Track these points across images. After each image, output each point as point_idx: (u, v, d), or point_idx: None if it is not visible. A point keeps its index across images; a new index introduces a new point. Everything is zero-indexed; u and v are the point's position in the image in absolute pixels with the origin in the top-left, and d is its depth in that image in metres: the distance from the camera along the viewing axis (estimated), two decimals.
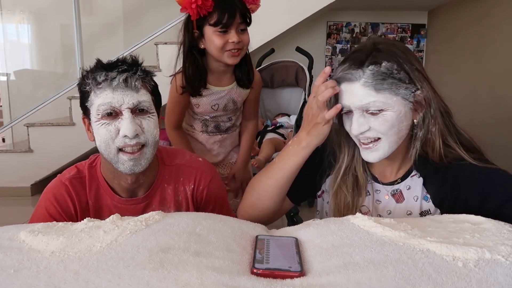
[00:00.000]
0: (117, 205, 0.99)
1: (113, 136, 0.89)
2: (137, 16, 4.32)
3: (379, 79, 0.80)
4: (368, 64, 0.80)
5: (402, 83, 0.80)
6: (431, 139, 0.85)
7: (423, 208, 0.88)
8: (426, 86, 0.83)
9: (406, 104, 0.82)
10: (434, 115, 0.84)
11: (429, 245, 0.58)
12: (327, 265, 0.56)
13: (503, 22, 3.26)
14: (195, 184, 1.05)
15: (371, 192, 0.95)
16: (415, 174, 0.90)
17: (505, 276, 0.51)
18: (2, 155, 3.30)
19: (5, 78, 4.29)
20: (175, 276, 0.51)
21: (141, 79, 0.92)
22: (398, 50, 0.83)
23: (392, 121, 0.81)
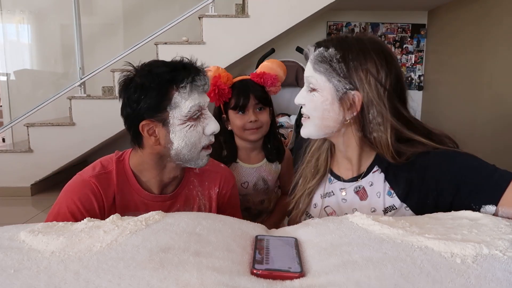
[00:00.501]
0: (144, 201, 0.99)
1: (201, 136, 0.94)
2: (137, 16, 4.32)
3: (318, 60, 0.85)
4: (321, 45, 0.86)
5: (336, 74, 0.83)
6: (376, 141, 0.84)
7: (386, 204, 0.87)
8: (371, 91, 0.82)
9: (335, 95, 0.84)
10: (375, 120, 0.83)
11: (427, 242, 0.58)
12: (326, 265, 0.56)
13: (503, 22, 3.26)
14: (220, 188, 1.10)
15: (335, 192, 0.96)
16: (376, 170, 0.90)
17: (503, 271, 0.51)
18: (2, 155, 3.30)
19: (5, 78, 4.29)
20: (175, 276, 0.51)
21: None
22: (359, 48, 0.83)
23: (316, 103, 0.86)
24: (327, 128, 0.87)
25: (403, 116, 0.84)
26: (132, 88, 0.91)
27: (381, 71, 0.83)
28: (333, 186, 0.96)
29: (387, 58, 0.84)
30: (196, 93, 0.92)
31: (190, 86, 0.90)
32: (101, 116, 3.20)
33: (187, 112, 0.91)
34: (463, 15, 3.85)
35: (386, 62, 0.83)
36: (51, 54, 4.34)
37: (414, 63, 4.70)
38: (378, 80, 0.82)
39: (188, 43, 3.23)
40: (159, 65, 0.94)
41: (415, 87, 4.72)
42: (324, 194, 0.98)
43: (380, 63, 0.83)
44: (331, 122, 0.86)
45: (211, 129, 0.95)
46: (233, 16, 3.30)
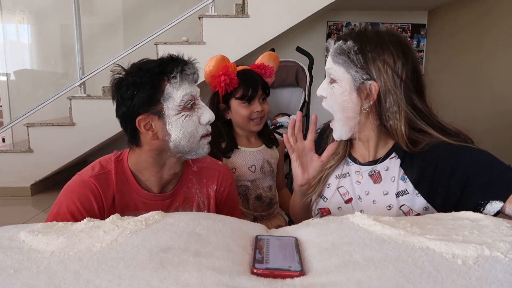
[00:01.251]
0: (143, 200, 1.00)
1: (197, 125, 0.96)
2: (137, 16, 4.32)
3: (337, 52, 0.89)
4: (340, 39, 0.90)
5: (354, 65, 0.87)
6: (391, 129, 0.88)
7: (399, 188, 0.90)
8: (388, 80, 0.85)
9: (353, 85, 0.87)
10: (392, 109, 0.86)
11: (429, 243, 0.58)
12: (327, 265, 0.56)
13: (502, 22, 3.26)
14: (218, 185, 1.10)
15: (350, 174, 0.99)
16: (394, 156, 0.92)
17: (505, 273, 0.51)
18: (2, 155, 3.30)
19: (5, 78, 4.29)
20: (176, 276, 0.51)
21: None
22: (377, 39, 0.87)
23: (336, 95, 0.90)
24: (349, 120, 0.91)
25: (418, 107, 0.87)
26: (124, 86, 0.93)
27: (398, 61, 0.86)
28: (349, 168, 0.99)
29: (404, 50, 0.87)
30: (186, 83, 0.94)
31: (180, 75, 0.93)
32: (101, 116, 3.20)
33: (180, 101, 0.93)
34: (463, 15, 3.85)
35: (403, 53, 0.87)
36: (51, 54, 4.35)
37: None
38: (395, 71, 0.85)
39: (188, 43, 3.23)
40: (148, 62, 0.96)
41: None
42: (339, 175, 1.01)
43: (397, 54, 0.86)
44: (351, 113, 0.90)
45: (206, 118, 0.97)
46: (233, 16, 3.30)
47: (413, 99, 0.87)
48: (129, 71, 0.95)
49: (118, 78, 0.96)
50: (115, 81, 0.96)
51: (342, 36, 0.91)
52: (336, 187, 1.00)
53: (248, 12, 3.18)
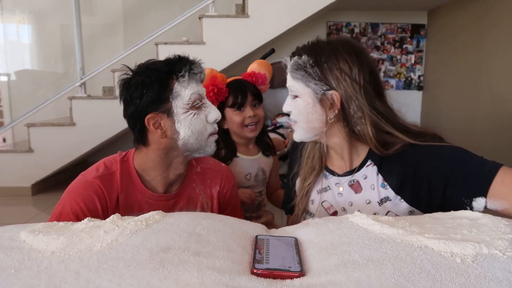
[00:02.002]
0: (148, 200, 1.00)
1: (205, 123, 0.98)
2: (137, 16, 4.32)
3: (294, 68, 0.90)
4: (295, 54, 0.91)
5: (312, 78, 0.88)
6: (361, 134, 0.88)
7: (381, 195, 0.90)
8: (348, 88, 0.86)
9: (315, 98, 0.88)
10: (357, 114, 0.87)
11: (427, 242, 0.58)
12: (326, 264, 0.56)
13: (502, 22, 3.26)
14: (221, 187, 1.11)
15: (331, 186, 0.99)
16: (370, 164, 0.93)
17: (503, 271, 0.51)
18: (3, 155, 3.30)
19: (6, 78, 4.29)
20: (176, 276, 0.52)
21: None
22: (330, 49, 0.88)
23: (300, 108, 0.91)
24: (314, 129, 0.92)
25: (380, 110, 0.87)
26: (133, 86, 0.94)
27: (354, 67, 0.86)
28: (329, 181, 1.00)
29: (358, 55, 0.88)
30: (194, 82, 0.96)
31: (188, 74, 0.94)
32: (101, 116, 3.21)
33: (188, 99, 0.94)
34: (463, 15, 3.85)
35: (357, 58, 0.87)
36: (51, 54, 4.35)
37: (414, 63, 4.70)
38: (352, 77, 0.86)
39: (188, 43, 3.23)
40: (155, 62, 0.98)
41: (415, 87, 4.72)
42: (320, 190, 1.01)
43: (351, 60, 0.87)
44: (316, 123, 0.90)
45: (213, 116, 0.99)
46: (233, 16, 3.30)
47: (374, 102, 0.87)
48: (137, 71, 0.97)
49: (126, 78, 0.97)
50: (123, 81, 0.97)
51: (296, 52, 0.92)
52: (319, 202, 1.00)
53: (248, 12, 3.18)
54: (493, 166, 0.79)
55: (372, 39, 4.66)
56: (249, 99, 1.38)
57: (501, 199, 0.76)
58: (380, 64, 4.72)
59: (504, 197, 0.75)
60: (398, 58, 4.70)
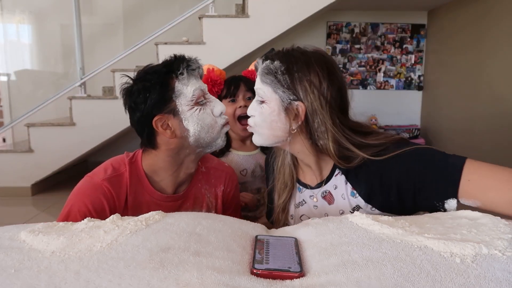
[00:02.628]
0: (156, 201, 1.01)
1: (212, 116, 0.99)
2: (137, 16, 4.32)
3: (264, 72, 0.89)
4: (268, 58, 0.90)
5: (281, 85, 0.87)
6: (323, 148, 0.87)
7: (352, 204, 0.90)
8: (314, 101, 0.85)
9: (281, 106, 0.87)
10: (320, 129, 0.86)
11: (427, 242, 0.58)
12: (326, 264, 0.56)
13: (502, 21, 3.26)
14: (225, 186, 1.13)
15: (306, 200, 0.99)
16: (338, 173, 0.92)
17: (503, 271, 0.51)
18: (3, 155, 3.30)
19: (6, 78, 4.29)
20: (176, 276, 0.52)
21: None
22: (303, 60, 0.87)
23: (265, 114, 0.89)
24: (276, 137, 0.91)
25: (342, 127, 0.87)
26: (135, 92, 0.95)
27: (324, 82, 0.85)
28: (303, 195, 1.00)
29: (329, 70, 0.87)
30: (193, 78, 0.97)
31: (186, 71, 0.95)
32: (101, 116, 3.21)
33: (191, 96, 0.95)
34: (463, 15, 3.85)
35: (328, 73, 0.86)
36: (51, 54, 4.35)
37: (414, 63, 4.70)
38: (321, 92, 0.85)
39: (188, 43, 3.23)
40: (153, 66, 0.99)
41: (415, 87, 4.72)
42: (297, 204, 1.01)
43: (322, 75, 0.86)
44: (279, 132, 0.89)
45: (218, 109, 1.00)
46: (233, 16, 3.30)
47: (337, 119, 0.86)
48: (137, 78, 0.98)
49: (127, 86, 0.98)
50: (125, 90, 0.98)
51: (269, 56, 0.90)
52: (298, 217, 1.00)
53: (248, 12, 3.18)
54: (457, 165, 0.77)
55: (372, 39, 4.66)
56: (242, 89, 1.39)
57: (472, 199, 0.75)
58: (380, 64, 4.72)
59: (474, 197, 0.75)
60: (398, 58, 4.70)
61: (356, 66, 4.70)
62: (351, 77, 4.72)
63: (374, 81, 4.73)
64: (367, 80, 4.73)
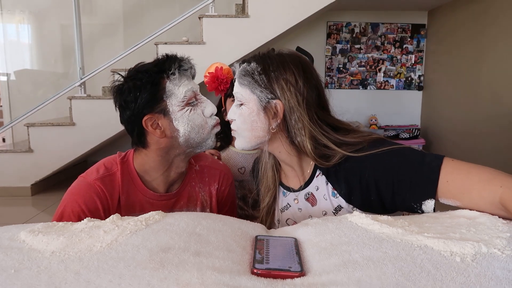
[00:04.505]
0: (149, 200, 1.01)
1: (203, 117, 0.98)
2: (137, 16, 4.32)
3: (242, 74, 0.90)
4: (245, 61, 0.92)
5: (258, 85, 0.88)
6: (300, 145, 0.88)
7: (334, 205, 0.90)
8: (291, 98, 0.86)
9: (260, 105, 0.88)
10: (297, 125, 0.87)
11: (427, 241, 0.58)
12: (326, 264, 0.56)
13: (502, 21, 3.26)
14: (219, 184, 1.12)
15: (290, 203, 0.99)
16: (319, 174, 0.93)
17: (502, 270, 0.51)
18: (2, 155, 3.30)
19: (5, 78, 4.29)
20: (176, 276, 0.52)
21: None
22: (279, 60, 0.89)
23: (244, 116, 0.90)
24: (257, 138, 0.91)
25: (319, 124, 0.88)
26: (125, 91, 0.95)
27: (299, 80, 0.87)
28: (287, 198, 1.00)
29: (304, 69, 0.89)
30: (185, 79, 0.97)
31: (178, 71, 0.95)
32: (101, 116, 3.21)
33: (183, 97, 0.95)
34: (463, 15, 3.86)
35: (303, 72, 0.89)
36: (51, 54, 4.35)
37: (414, 63, 4.71)
38: (297, 89, 0.87)
39: (188, 43, 3.23)
40: (144, 64, 0.98)
41: (415, 87, 4.72)
42: (282, 208, 1.01)
43: (298, 73, 0.88)
44: (259, 132, 0.90)
45: (209, 111, 0.99)
46: (233, 16, 3.30)
47: (314, 116, 0.88)
48: (128, 76, 0.97)
49: (118, 84, 0.98)
50: (115, 88, 0.98)
51: (246, 59, 0.92)
52: (284, 221, 1.01)
53: (248, 12, 3.19)
54: (434, 165, 0.77)
55: (372, 39, 4.66)
56: None
57: (452, 199, 0.75)
58: (380, 64, 4.72)
59: (454, 197, 0.75)
60: (398, 58, 4.70)
61: (356, 66, 4.70)
62: (351, 77, 4.72)
63: (374, 81, 4.73)
64: (367, 80, 4.73)
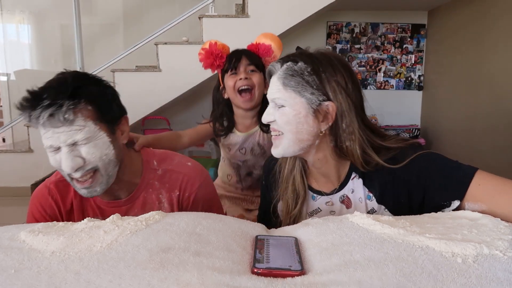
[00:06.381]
0: (99, 206, 0.99)
1: (60, 166, 0.86)
2: (137, 16, 4.32)
3: (289, 74, 0.84)
4: (288, 60, 0.85)
5: (309, 86, 0.83)
6: (348, 150, 0.86)
7: (368, 208, 0.90)
8: (343, 101, 0.83)
9: (309, 108, 0.83)
10: (348, 130, 0.84)
11: (428, 242, 0.58)
12: (327, 264, 0.56)
13: (502, 22, 3.26)
14: (181, 191, 1.01)
15: (321, 208, 0.96)
16: (354, 176, 0.91)
17: (504, 271, 0.51)
18: (2, 155, 3.30)
19: (5, 78, 4.29)
20: (176, 276, 0.51)
21: (73, 109, 0.82)
22: (326, 60, 0.85)
23: (289, 117, 0.84)
24: (302, 142, 0.86)
25: (365, 129, 0.86)
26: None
27: (348, 83, 0.85)
28: (318, 202, 0.96)
29: (350, 71, 0.87)
30: (43, 130, 0.87)
31: (33, 122, 0.87)
32: None
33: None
34: (463, 15, 3.85)
35: (350, 74, 0.86)
36: (51, 54, 4.35)
37: (414, 63, 4.70)
38: (347, 92, 0.84)
39: (188, 43, 3.23)
40: (22, 99, 0.89)
41: (415, 87, 4.72)
42: (310, 213, 0.98)
43: (346, 75, 0.85)
44: (305, 135, 0.85)
45: (62, 166, 0.86)
46: (233, 16, 3.30)
47: (364, 118, 0.86)
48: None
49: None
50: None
51: (289, 58, 0.86)
52: None
53: (248, 12, 3.18)
54: (469, 170, 0.80)
55: (372, 39, 4.66)
56: (244, 62, 1.39)
57: (479, 202, 0.76)
58: (380, 64, 4.72)
59: (482, 200, 0.76)
60: (398, 58, 4.70)
61: (356, 66, 4.69)
62: None
63: (374, 81, 4.73)
64: (367, 80, 4.73)
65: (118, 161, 0.93)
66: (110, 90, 0.94)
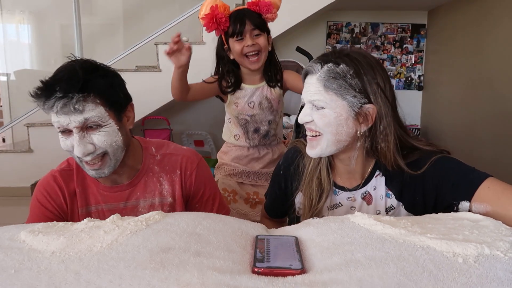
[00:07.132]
0: (102, 192, 1.05)
1: (71, 150, 0.94)
2: (137, 16, 4.32)
3: (331, 76, 0.83)
4: (329, 61, 0.85)
5: (352, 89, 0.83)
6: (381, 151, 0.87)
7: (387, 205, 0.92)
8: (382, 104, 0.84)
9: (350, 111, 0.84)
10: (385, 132, 0.85)
11: (429, 242, 0.58)
12: (328, 263, 0.56)
13: (503, 21, 3.26)
14: (182, 170, 1.08)
15: (342, 202, 0.97)
16: (378, 174, 0.93)
17: (504, 271, 0.51)
18: (2, 155, 3.30)
19: (5, 78, 4.29)
20: (176, 276, 0.51)
21: (82, 100, 0.89)
22: (366, 62, 0.85)
23: (330, 118, 0.84)
24: (340, 143, 0.87)
25: (402, 126, 0.89)
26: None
27: (386, 84, 0.86)
28: (340, 197, 0.97)
29: (386, 72, 0.88)
30: (54, 115, 0.94)
31: (46, 109, 0.95)
32: None
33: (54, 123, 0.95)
34: (463, 15, 3.85)
35: (386, 75, 0.87)
36: (51, 54, 4.35)
37: (414, 63, 4.70)
38: (386, 94, 0.85)
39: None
40: (35, 89, 1.00)
41: (415, 87, 4.72)
42: (331, 206, 0.98)
43: (384, 76, 0.86)
44: (344, 136, 0.86)
45: (74, 150, 0.94)
46: None
47: (397, 122, 0.87)
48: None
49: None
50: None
51: (330, 59, 0.85)
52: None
53: None
54: (481, 174, 0.82)
55: (372, 39, 4.66)
56: (248, 28, 1.40)
57: (484, 203, 0.78)
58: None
59: (488, 201, 0.78)
60: (398, 58, 4.70)
61: None
62: None
63: None
64: None
65: (125, 146, 1.00)
66: (117, 80, 0.99)
